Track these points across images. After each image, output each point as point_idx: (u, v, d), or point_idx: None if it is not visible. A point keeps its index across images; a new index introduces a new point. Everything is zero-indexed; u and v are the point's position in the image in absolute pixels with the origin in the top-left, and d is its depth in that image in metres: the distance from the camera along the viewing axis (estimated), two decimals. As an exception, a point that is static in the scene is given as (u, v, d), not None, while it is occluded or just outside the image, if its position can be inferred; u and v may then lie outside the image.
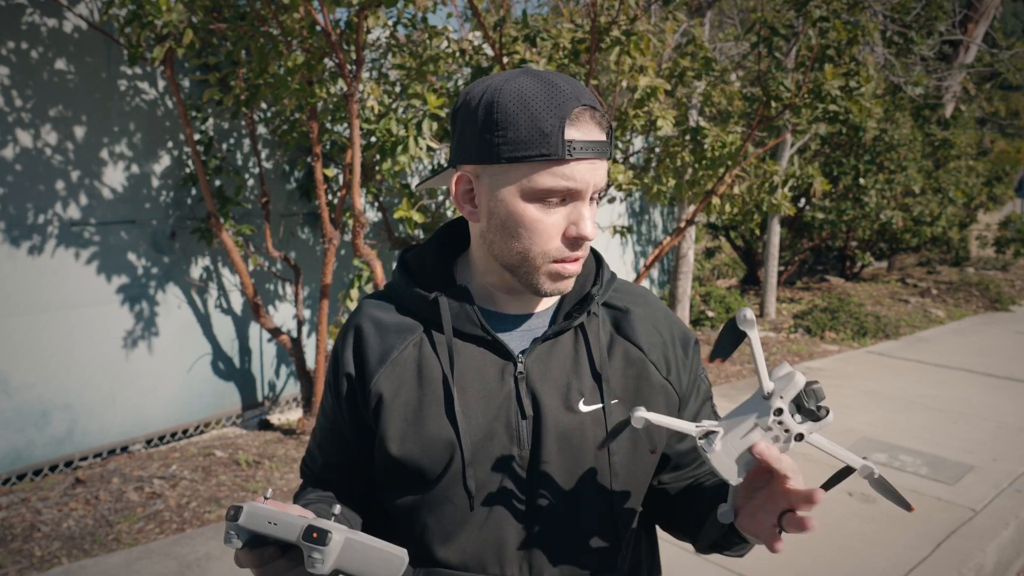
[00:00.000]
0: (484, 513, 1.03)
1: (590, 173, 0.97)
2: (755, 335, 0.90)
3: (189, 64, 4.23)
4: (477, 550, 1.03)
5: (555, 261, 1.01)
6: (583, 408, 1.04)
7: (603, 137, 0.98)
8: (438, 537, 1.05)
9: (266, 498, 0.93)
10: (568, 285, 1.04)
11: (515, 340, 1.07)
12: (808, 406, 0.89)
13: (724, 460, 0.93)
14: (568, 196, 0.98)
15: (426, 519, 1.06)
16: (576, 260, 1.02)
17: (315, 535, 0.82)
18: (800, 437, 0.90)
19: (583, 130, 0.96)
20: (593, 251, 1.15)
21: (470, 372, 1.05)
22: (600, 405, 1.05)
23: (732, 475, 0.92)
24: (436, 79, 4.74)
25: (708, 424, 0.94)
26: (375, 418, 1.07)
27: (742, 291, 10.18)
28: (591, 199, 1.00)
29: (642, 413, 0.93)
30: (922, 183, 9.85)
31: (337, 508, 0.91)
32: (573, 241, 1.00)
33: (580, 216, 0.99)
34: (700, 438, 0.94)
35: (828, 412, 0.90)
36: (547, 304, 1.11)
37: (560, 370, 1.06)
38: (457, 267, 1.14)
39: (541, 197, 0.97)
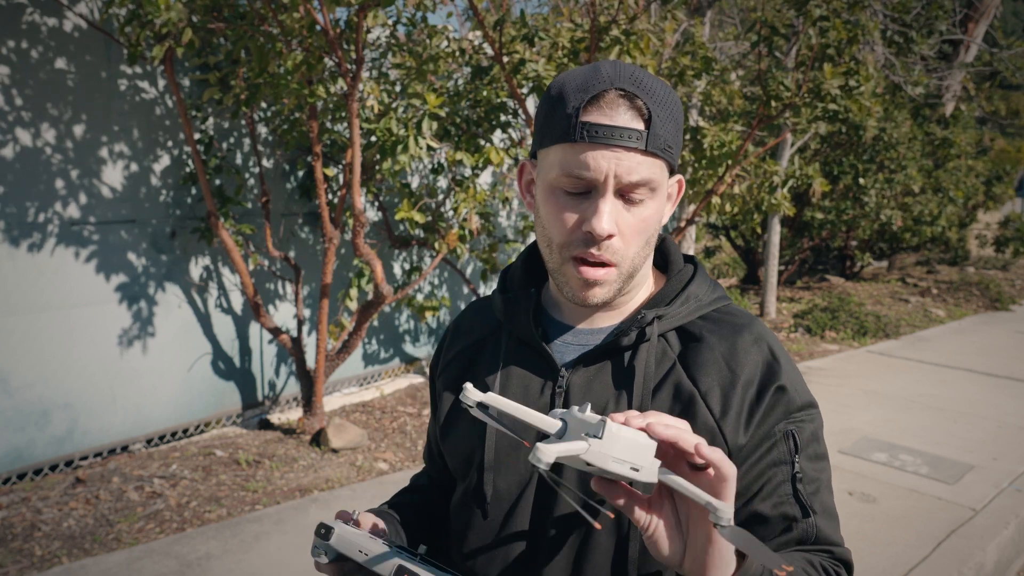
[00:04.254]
0: (497, 525, 1.01)
1: (608, 161, 0.87)
2: (496, 400, 0.75)
3: (189, 63, 4.23)
4: (486, 562, 1.01)
5: (574, 259, 0.93)
6: None
7: (635, 125, 0.87)
8: (462, 540, 1.05)
9: (354, 519, 0.98)
10: (599, 294, 0.94)
11: (571, 353, 1.02)
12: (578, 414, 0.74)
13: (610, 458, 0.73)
14: (589, 186, 0.90)
15: (458, 519, 1.07)
16: (598, 265, 0.92)
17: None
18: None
19: (607, 114, 0.87)
20: (696, 269, 1.04)
21: (516, 379, 1.03)
22: None
23: (650, 474, 0.74)
24: (436, 79, 4.74)
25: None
26: (438, 410, 1.12)
27: (742, 291, 10.18)
28: (619, 194, 0.90)
29: (543, 452, 0.71)
30: (922, 182, 9.85)
31: (423, 550, 0.93)
32: (586, 237, 0.91)
33: (594, 210, 0.89)
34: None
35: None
36: (614, 319, 1.02)
37: (601, 393, 0.98)
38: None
39: (561, 185, 0.91)
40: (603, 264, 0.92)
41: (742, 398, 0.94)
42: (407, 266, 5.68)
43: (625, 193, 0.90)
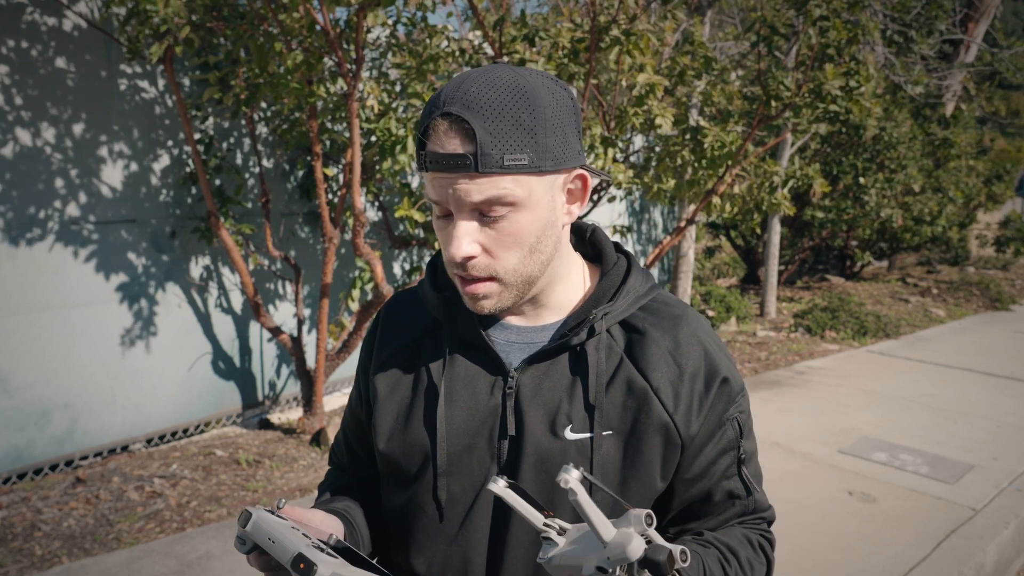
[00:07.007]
0: (454, 527, 1.00)
1: (445, 188, 0.90)
2: (581, 498, 0.74)
3: (189, 63, 4.23)
4: (443, 564, 1.01)
5: (457, 276, 0.96)
6: (569, 435, 0.97)
7: (461, 149, 0.87)
8: (411, 545, 1.03)
9: (279, 507, 0.94)
10: (487, 305, 0.96)
11: (516, 352, 1.02)
12: None
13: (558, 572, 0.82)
14: (447, 211, 0.93)
15: (404, 524, 1.05)
16: (473, 282, 0.94)
17: (302, 565, 0.82)
18: None
19: (437, 142, 0.88)
20: (629, 261, 1.05)
21: (462, 381, 1.02)
22: (588, 435, 0.97)
23: None
24: (436, 78, 4.74)
25: (555, 527, 0.83)
26: (373, 411, 1.08)
27: (742, 290, 10.18)
28: (479, 212, 0.91)
29: (496, 487, 0.82)
30: (922, 182, 9.85)
31: (334, 539, 0.90)
32: (451, 259, 0.93)
33: (449, 234, 0.92)
34: (542, 536, 0.84)
35: None
36: (557, 317, 1.03)
37: (552, 391, 0.99)
38: None
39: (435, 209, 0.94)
40: (478, 280, 0.94)
41: (690, 390, 0.99)
42: (407, 266, 5.68)
43: (482, 212, 0.91)
